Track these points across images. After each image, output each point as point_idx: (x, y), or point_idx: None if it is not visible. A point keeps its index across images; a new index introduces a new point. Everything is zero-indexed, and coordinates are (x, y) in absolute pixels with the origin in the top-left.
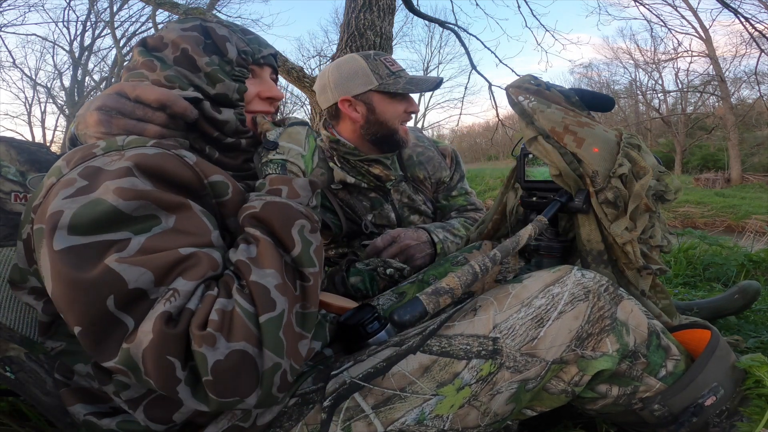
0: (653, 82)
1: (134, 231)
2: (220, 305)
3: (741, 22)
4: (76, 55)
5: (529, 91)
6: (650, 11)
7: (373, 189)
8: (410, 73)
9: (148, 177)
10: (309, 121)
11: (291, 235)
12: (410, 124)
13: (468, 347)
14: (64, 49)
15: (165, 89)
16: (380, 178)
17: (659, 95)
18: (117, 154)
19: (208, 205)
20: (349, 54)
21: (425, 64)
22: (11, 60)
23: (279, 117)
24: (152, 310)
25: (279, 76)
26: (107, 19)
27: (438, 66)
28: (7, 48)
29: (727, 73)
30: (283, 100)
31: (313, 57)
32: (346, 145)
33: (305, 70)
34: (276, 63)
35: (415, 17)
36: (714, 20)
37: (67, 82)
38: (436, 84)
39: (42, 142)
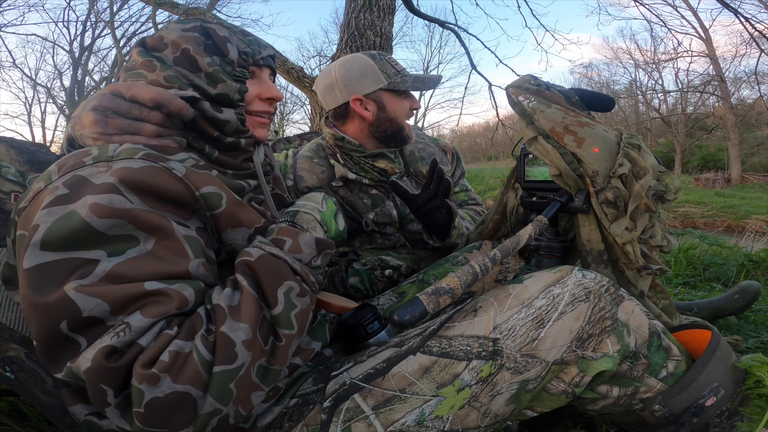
0: (653, 82)
1: (108, 252)
2: (176, 347)
3: (741, 22)
4: (76, 55)
5: (529, 91)
6: (650, 11)
7: (375, 186)
8: (411, 72)
9: (134, 192)
10: (309, 121)
11: (276, 294)
12: (411, 122)
13: (468, 348)
14: (64, 49)
15: (160, 89)
16: (385, 172)
17: (659, 95)
18: (105, 166)
19: (204, 219)
20: (353, 54)
21: (425, 64)
22: (11, 60)
23: (278, 118)
24: (99, 340)
25: (279, 76)
26: (107, 19)
27: (438, 66)
28: (7, 48)
29: (727, 73)
30: (283, 100)
31: (313, 57)
32: (351, 143)
33: (305, 70)
34: (274, 64)
35: (415, 17)
36: (714, 20)
37: (67, 82)
38: (438, 81)
39: (42, 142)
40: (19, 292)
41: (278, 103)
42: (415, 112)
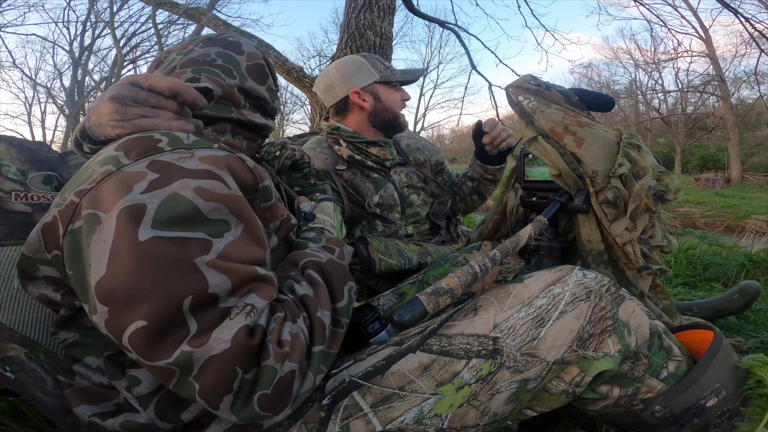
0: (653, 82)
1: (209, 233)
2: (290, 328)
3: (741, 22)
4: (76, 55)
5: (529, 91)
6: (650, 11)
7: (376, 169)
8: (398, 68)
9: (230, 172)
10: (309, 121)
11: (342, 290)
12: (409, 124)
13: (468, 347)
14: (64, 49)
15: (177, 79)
16: (379, 158)
17: (659, 95)
18: (187, 152)
19: (257, 208)
20: (346, 56)
21: (425, 64)
22: (11, 60)
23: (278, 117)
24: (230, 320)
25: (279, 76)
26: (107, 19)
27: (438, 66)
28: (7, 48)
29: (727, 73)
30: (283, 100)
31: (313, 57)
32: (346, 131)
33: (305, 70)
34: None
35: (415, 17)
36: (714, 20)
37: (67, 82)
38: (421, 73)
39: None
40: (93, 272)
41: (279, 104)
42: (406, 103)
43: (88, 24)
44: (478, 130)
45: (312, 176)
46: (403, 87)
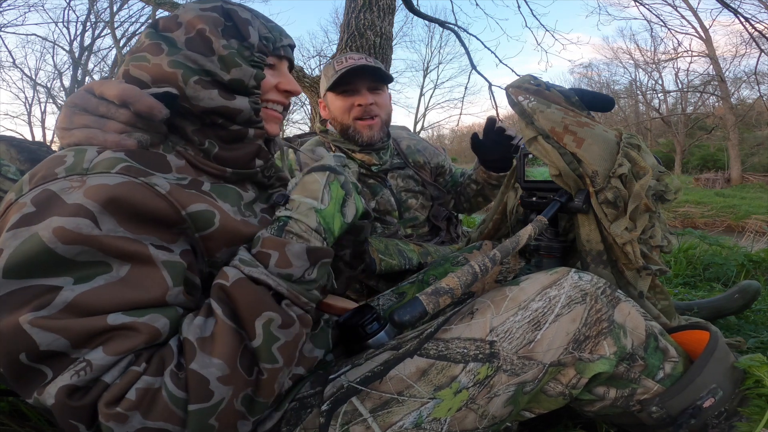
0: (653, 82)
1: (75, 278)
2: (144, 383)
3: (741, 22)
4: (76, 55)
5: (528, 91)
6: (650, 11)
7: (371, 176)
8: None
9: (108, 214)
10: (309, 121)
11: (254, 326)
12: (407, 123)
13: (465, 351)
14: (64, 49)
15: (130, 86)
16: (364, 163)
17: (659, 95)
18: (78, 180)
19: (192, 240)
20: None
21: (425, 64)
22: (11, 60)
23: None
24: (60, 376)
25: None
26: (107, 19)
27: (438, 66)
28: (7, 48)
29: (727, 73)
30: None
31: (313, 57)
32: (333, 134)
33: (305, 70)
34: (293, 56)
35: (415, 17)
36: (714, 20)
37: (67, 82)
38: (363, 66)
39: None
40: None
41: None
42: (364, 107)
43: (88, 24)
44: (476, 140)
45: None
46: (385, 86)
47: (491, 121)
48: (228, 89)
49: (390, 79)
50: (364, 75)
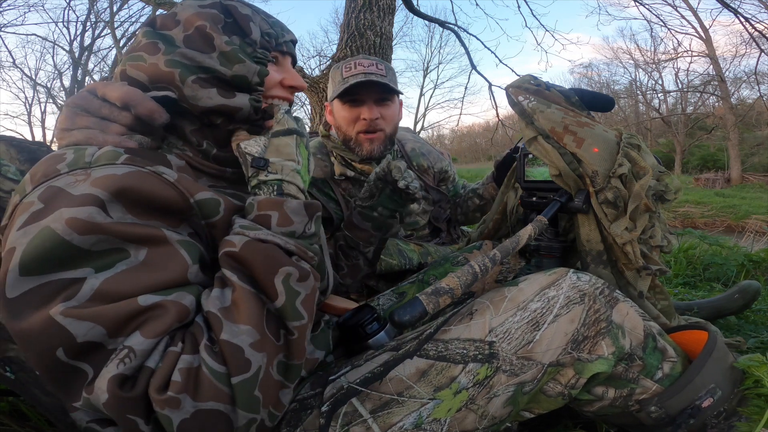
0: (653, 82)
1: (95, 267)
2: (185, 363)
3: (741, 22)
4: (76, 55)
5: (529, 91)
6: (650, 11)
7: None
8: (363, 75)
9: (118, 203)
10: (309, 121)
11: (274, 285)
12: (407, 123)
13: (464, 351)
14: (64, 49)
15: (133, 89)
16: (364, 173)
17: (659, 95)
18: (83, 173)
19: (197, 227)
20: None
21: (425, 64)
22: (11, 60)
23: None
24: (106, 368)
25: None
26: (107, 19)
27: (438, 66)
28: (7, 48)
29: (727, 73)
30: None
31: (313, 57)
32: (335, 141)
33: (305, 70)
34: (294, 52)
35: (415, 17)
36: (714, 20)
37: (67, 82)
38: (370, 76)
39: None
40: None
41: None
42: (369, 122)
43: (88, 24)
44: (507, 161)
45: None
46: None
47: (508, 157)
48: (228, 86)
49: (398, 92)
50: (372, 86)
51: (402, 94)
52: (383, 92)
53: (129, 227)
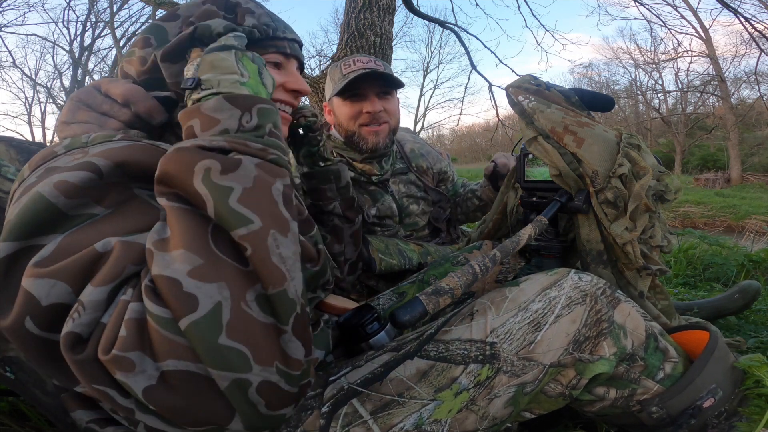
0: (653, 82)
1: (63, 231)
2: (133, 313)
3: (741, 22)
4: (76, 55)
5: (529, 91)
6: (650, 11)
7: (372, 183)
8: (363, 71)
9: (118, 169)
10: None
11: (195, 189)
12: (407, 123)
13: (465, 352)
14: (64, 49)
15: (136, 87)
16: (365, 173)
17: (659, 95)
18: (80, 152)
19: None
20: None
21: (425, 64)
22: (11, 60)
23: None
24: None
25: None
26: (107, 19)
27: (438, 66)
28: (7, 48)
29: (727, 73)
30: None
31: (313, 57)
32: (336, 140)
33: (305, 70)
34: (302, 55)
35: (415, 17)
36: (714, 20)
37: (67, 82)
38: (367, 74)
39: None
40: None
41: (302, 98)
42: (372, 116)
43: (88, 24)
44: (491, 174)
45: (323, 154)
46: (389, 91)
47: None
48: (196, 52)
49: (400, 85)
50: (374, 80)
51: (403, 86)
52: (385, 86)
53: (110, 188)
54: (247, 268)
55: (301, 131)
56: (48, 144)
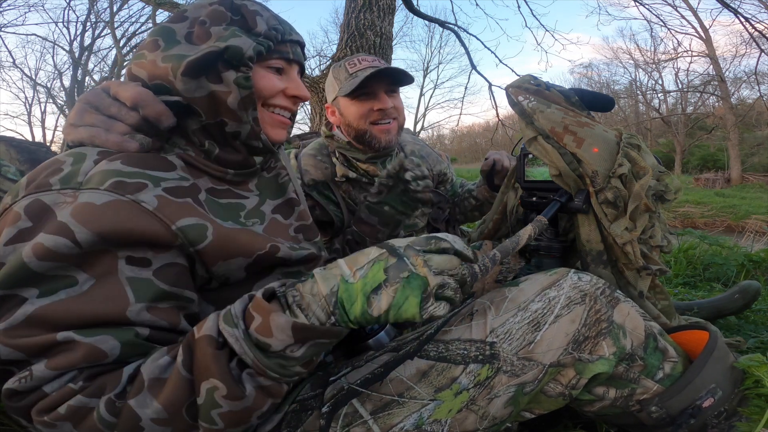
0: (653, 82)
1: (41, 291)
2: (78, 402)
3: (741, 22)
4: (76, 55)
5: (528, 91)
6: (650, 11)
7: (373, 184)
8: (371, 69)
9: (92, 230)
10: (309, 121)
11: (200, 386)
12: (408, 125)
13: (465, 352)
14: (64, 49)
15: (145, 90)
16: (367, 173)
17: (659, 95)
18: (71, 195)
19: (187, 253)
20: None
21: (425, 64)
22: (11, 60)
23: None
24: (10, 379)
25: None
26: (107, 19)
27: (438, 66)
28: (7, 48)
29: (727, 73)
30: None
31: (313, 57)
32: (340, 140)
33: (305, 70)
34: (304, 60)
35: (415, 17)
36: (714, 20)
37: (67, 82)
38: (380, 71)
39: (42, 141)
40: None
41: (301, 104)
42: (386, 112)
43: (88, 24)
44: (489, 169)
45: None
46: (394, 90)
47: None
48: (216, 68)
49: (411, 79)
50: (381, 78)
51: (413, 81)
52: (392, 83)
53: (89, 257)
54: (194, 422)
55: None
56: (48, 145)
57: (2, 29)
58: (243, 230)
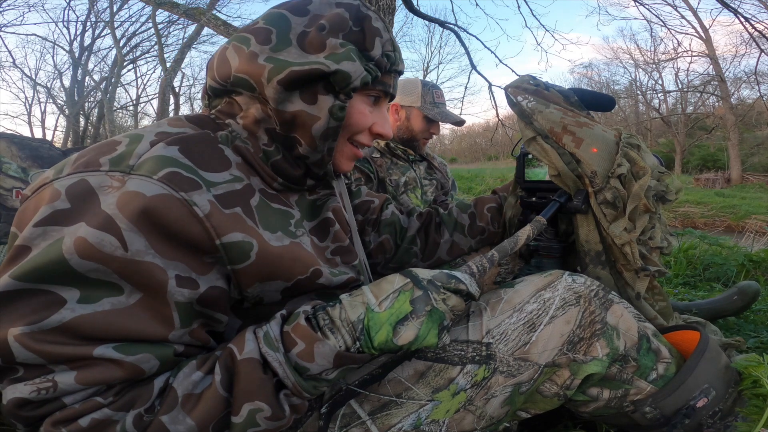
0: (653, 82)
1: (82, 295)
2: (103, 415)
3: (741, 22)
4: (76, 55)
5: (528, 91)
6: (650, 11)
7: (402, 159)
8: (444, 107)
9: (138, 230)
10: None
11: (240, 406)
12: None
13: (462, 353)
14: (64, 49)
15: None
16: (406, 152)
17: (659, 95)
18: (119, 180)
19: (223, 273)
20: (415, 76)
21: (425, 64)
22: (11, 60)
23: None
24: (23, 385)
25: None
26: (107, 19)
27: (438, 66)
28: (7, 48)
29: (727, 73)
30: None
31: None
32: None
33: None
34: (396, 92)
35: (415, 17)
36: (714, 20)
37: (67, 82)
38: (457, 121)
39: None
40: None
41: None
42: (434, 136)
43: (88, 24)
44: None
45: None
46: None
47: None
48: (314, 90)
49: (463, 122)
50: (446, 118)
51: (464, 122)
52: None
53: (139, 265)
54: None
55: None
56: (50, 141)
57: (2, 29)
58: (288, 248)
